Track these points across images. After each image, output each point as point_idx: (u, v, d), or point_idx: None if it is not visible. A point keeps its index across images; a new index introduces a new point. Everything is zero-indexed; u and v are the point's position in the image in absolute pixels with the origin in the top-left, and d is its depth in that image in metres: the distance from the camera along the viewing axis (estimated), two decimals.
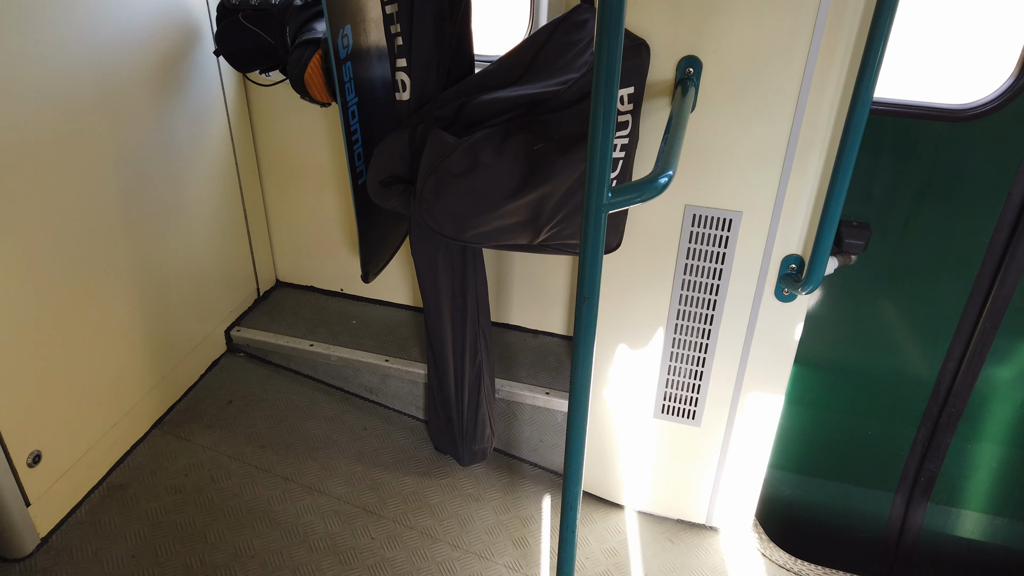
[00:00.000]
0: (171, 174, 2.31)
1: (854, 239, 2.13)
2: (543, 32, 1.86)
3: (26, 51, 1.75)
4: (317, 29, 2.01)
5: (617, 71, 1.14)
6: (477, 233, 1.77)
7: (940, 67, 2.12)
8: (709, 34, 1.65)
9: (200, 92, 2.34)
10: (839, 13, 1.56)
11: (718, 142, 1.76)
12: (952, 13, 2.06)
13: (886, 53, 1.50)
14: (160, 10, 2.09)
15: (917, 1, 1.94)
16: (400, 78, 1.87)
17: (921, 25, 2.09)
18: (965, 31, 2.10)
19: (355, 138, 2.04)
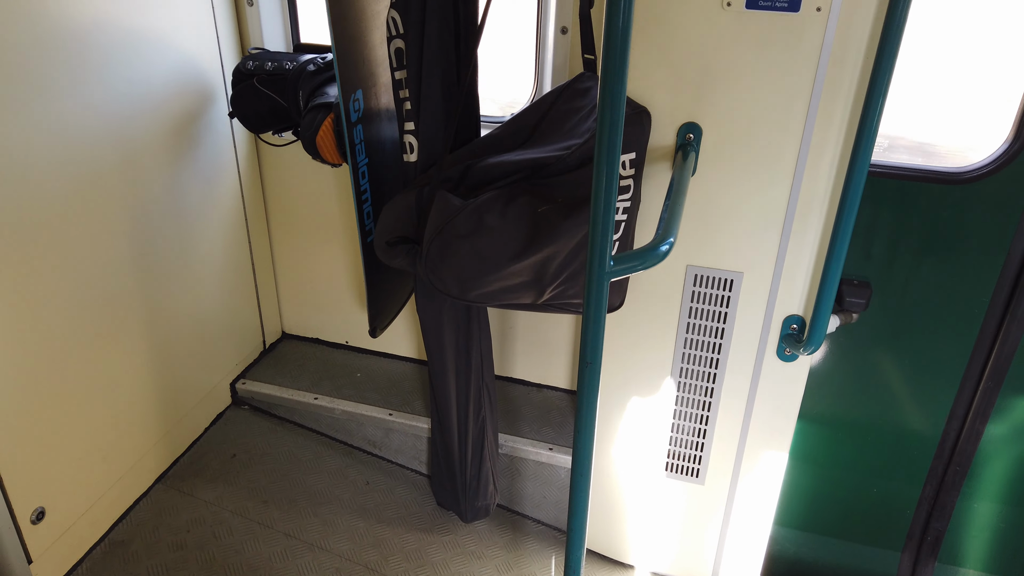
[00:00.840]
0: (182, 230, 2.36)
1: (855, 297, 2.15)
2: (548, 98, 1.92)
3: (48, 118, 1.81)
4: (329, 93, 2.08)
5: (619, 138, 1.18)
6: (481, 293, 1.80)
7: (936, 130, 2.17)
8: (708, 102, 1.71)
9: (213, 152, 2.40)
10: (835, 81, 1.61)
11: (719, 204, 1.80)
12: (946, 79, 2.12)
13: (882, 118, 1.55)
14: (177, 75, 2.17)
15: (912, 69, 2.02)
16: (408, 140, 1.92)
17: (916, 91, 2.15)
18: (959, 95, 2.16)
19: (364, 197, 2.09)
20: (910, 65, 2.13)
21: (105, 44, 1.91)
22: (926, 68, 2.18)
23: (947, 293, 2.23)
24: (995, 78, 2.14)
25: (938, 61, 2.18)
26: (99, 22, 1.88)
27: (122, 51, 1.97)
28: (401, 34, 1.81)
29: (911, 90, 2.19)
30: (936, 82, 2.18)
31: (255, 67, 2.13)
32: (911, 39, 1.59)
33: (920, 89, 2.18)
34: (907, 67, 2.12)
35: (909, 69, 2.15)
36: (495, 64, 2.50)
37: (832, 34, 1.56)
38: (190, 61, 2.21)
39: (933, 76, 2.19)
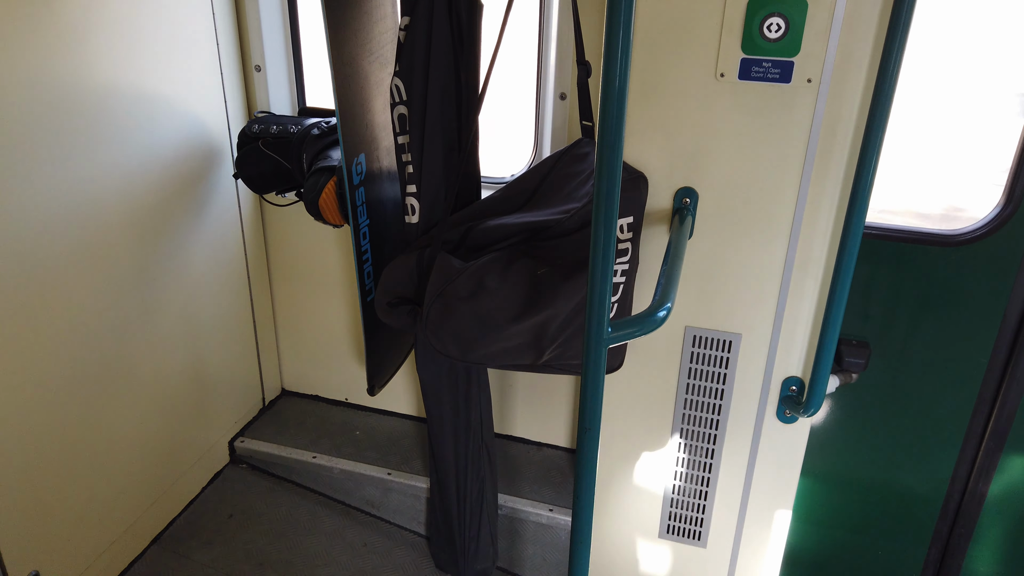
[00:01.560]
0: (186, 288, 2.38)
1: (854, 358, 2.16)
2: (547, 163, 1.96)
3: (60, 180, 1.85)
4: (332, 157, 2.12)
5: (615, 203, 1.21)
6: (481, 355, 1.81)
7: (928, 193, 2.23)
8: (704, 167, 1.74)
9: (218, 211, 2.44)
10: (827, 149, 1.64)
11: (716, 266, 1.82)
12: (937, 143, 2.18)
13: (875, 182, 1.58)
14: (185, 138, 2.22)
15: (903, 135, 2.08)
16: (410, 202, 1.96)
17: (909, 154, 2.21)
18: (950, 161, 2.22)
19: (365, 257, 2.11)
20: (901, 131, 2.18)
21: (118, 109, 1.96)
22: (917, 133, 2.23)
23: (946, 353, 2.24)
24: (985, 144, 2.19)
25: (928, 127, 2.23)
26: (113, 88, 1.93)
27: (134, 115, 2.02)
28: (404, 101, 1.86)
29: (903, 155, 2.23)
30: (927, 148, 2.23)
31: (261, 130, 2.19)
32: (900, 107, 1.63)
33: (912, 155, 2.24)
34: (898, 133, 2.18)
35: (900, 135, 2.20)
36: (496, 127, 2.56)
37: (823, 104, 1.61)
38: (198, 124, 2.26)
39: (924, 141, 2.25)
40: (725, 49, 1.62)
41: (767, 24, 1.56)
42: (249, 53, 2.39)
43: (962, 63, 2.14)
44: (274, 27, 2.40)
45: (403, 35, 1.81)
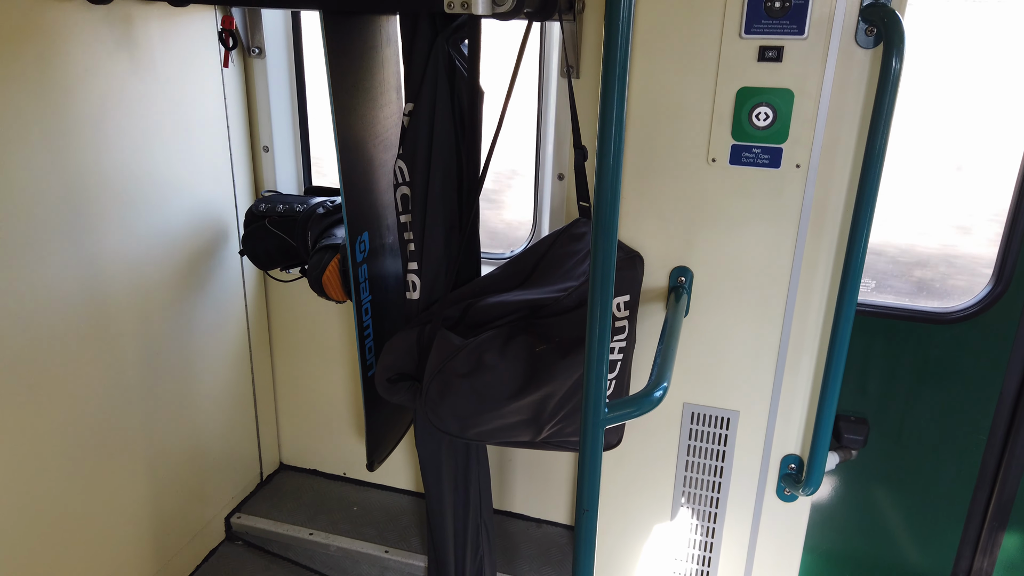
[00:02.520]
0: (188, 363, 2.40)
1: (853, 434, 2.16)
2: (545, 241, 2.01)
3: (69, 261, 1.89)
4: (337, 235, 2.17)
5: (611, 282, 1.25)
6: (480, 431, 1.81)
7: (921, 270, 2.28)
8: (698, 247, 1.79)
9: (223, 287, 2.48)
10: (818, 230, 1.69)
11: (712, 344, 1.85)
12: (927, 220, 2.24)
13: (865, 261, 1.62)
14: (193, 216, 2.28)
15: (891, 216, 2.16)
16: (412, 279, 2.00)
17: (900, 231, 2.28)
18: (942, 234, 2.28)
19: (367, 333, 2.14)
20: (890, 210, 2.24)
21: (130, 190, 2.02)
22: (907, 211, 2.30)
23: (945, 430, 2.24)
24: (972, 222, 2.25)
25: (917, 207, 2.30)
26: (126, 171, 2.00)
27: (145, 196, 2.08)
28: (407, 182, 1.92)
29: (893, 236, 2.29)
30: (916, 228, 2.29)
31: (267, 209, 2.24)
32: (888, 189, 1.69)
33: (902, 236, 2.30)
34: (888, 212, 2.24)
35: (889, 214, 2.26)
36: (495, 205, 2.63)
37: (812, 188, 1.66)
38: (207, 204, 2.33)
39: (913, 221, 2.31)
40: (716, 136, 1.69)
41: (756, 113, 1.63)
42: (258, 134, 2.47)
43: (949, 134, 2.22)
44: (282, 110, 2.49)
45: (407, 120, 1.89)
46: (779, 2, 1.55)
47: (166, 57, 2.04)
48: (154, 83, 2.02)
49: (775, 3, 1.55)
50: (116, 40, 1.87)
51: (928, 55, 2.07)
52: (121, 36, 1.88)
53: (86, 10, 1.78)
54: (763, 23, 1.58)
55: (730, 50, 1.62)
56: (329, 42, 1.78)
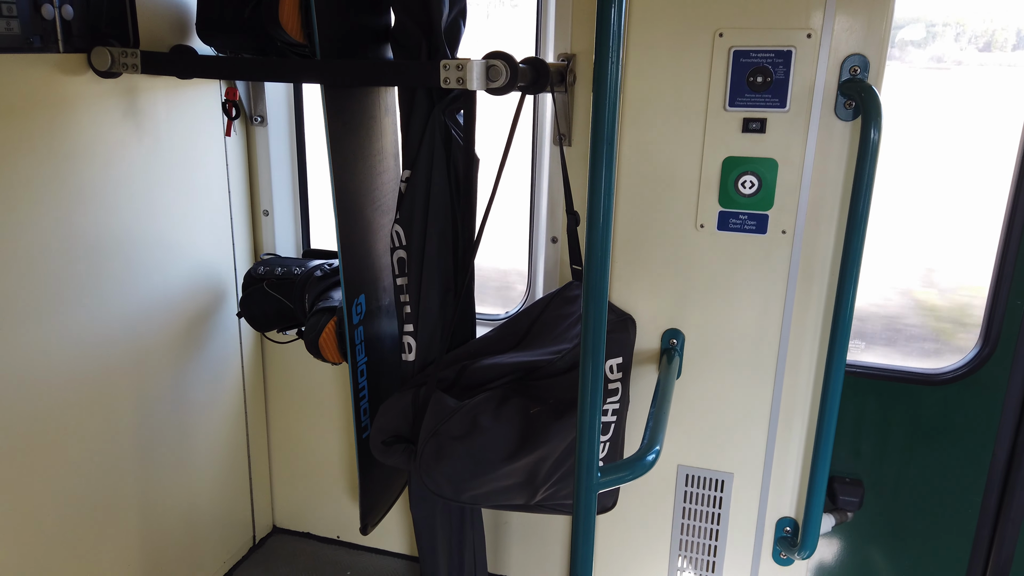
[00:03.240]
0: (183, 425, 2.40)
1: (848, 496, 2.16)
2: (539, 304, 2.05)
3: (68, 323, 1.91)
4: (334, 297, 2.21)
5: (602, 349, 1.27)
6: (474, 495, 1.81)
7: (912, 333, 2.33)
8: (688, 310, 1.82)
9: (220, 348, 2.50)
10: (805, 293, 1.73)
11: (704, 406, 1.87)
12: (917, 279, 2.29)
13: (852, 323, 1.66)
14: (193, 279, 2.31)
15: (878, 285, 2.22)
16: (407, 341, 2.02)
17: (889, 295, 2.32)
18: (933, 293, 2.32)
19: (362, 394, 2.15)
20: (876, 272, 2.28)
21: (131, 254, 2.06)
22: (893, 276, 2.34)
23: (940, 491, 2.24)
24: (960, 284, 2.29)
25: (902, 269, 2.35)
26: (128, 235, 2.04)
27: (146, 260, 2.11)
28: (404, 246, 1.96)
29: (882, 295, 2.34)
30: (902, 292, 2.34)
31: (266, 272, 2.28)
32: (872, 253, 1.73)
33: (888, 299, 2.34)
34: (873, 274, 2.28)
35: (875, 276, 2.30)
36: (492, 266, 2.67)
37: (798, 253, 1.71)
38: (206, 266, 2.36)
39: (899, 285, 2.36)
40: (704, 202, 1.74)
41: (741, 181, 1.69)
42: (258, 199, 2.53)
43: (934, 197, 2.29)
44: (283, 175, 2.55)
45: (404, 186, 1.94)
46: (761, 77, 1.62)
47: (171, 126, 2.11)
48: (159, 151, 2.08)
49: (757, 78, 1.62)
50: (123, 111, 1.93)
51: (907, 122, 2.15)
52: (128, 107, 1.95)
53: (96, 83, 1.84)
54: (746, 96, 1.65)
55: (715, 122, 1.68)
56: (330, 112, 1.85)
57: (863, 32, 1.56)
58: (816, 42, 1.58)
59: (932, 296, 2.31)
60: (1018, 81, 2.14)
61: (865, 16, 1.55)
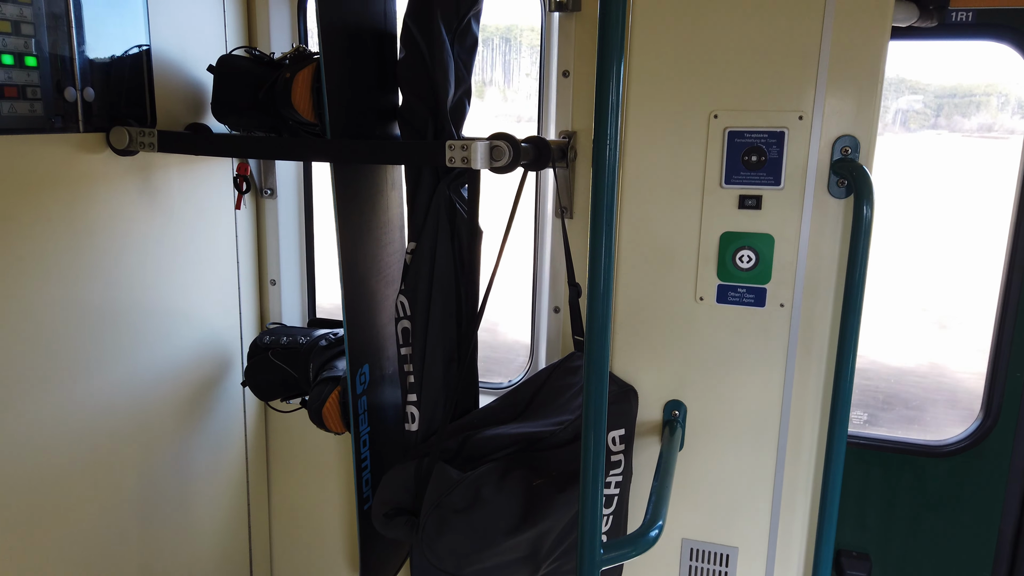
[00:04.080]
0: (185, 493, 2.39)
1: (855, 570, 2.13)
2: (541, 374, 2.07)
3: (74, 395, 1.92)
4: (338, 367, 2.23)
5: (603, 421, 1.29)
6: (477, 569, 1.80)
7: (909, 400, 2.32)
8: (690, 381, 1.84)
9: (224, 417, 2.51)
10: (805, 365, 1.75)
11: (707, 478, 1.86)
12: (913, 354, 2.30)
13: (852, 398, 1.67)
14: (199, 348, 2.34)
15: (879, 349, 2.23)
16: (410, 410, 2.03)
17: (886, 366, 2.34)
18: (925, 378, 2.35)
19: (364, 465, 2.15)
20: (877, 344, 2.30)
21: (139, 324, 2.09)
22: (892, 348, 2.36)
23: (947, 565, 2.20)
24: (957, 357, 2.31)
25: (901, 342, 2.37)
26: (137, 305, 2.07)
27: (152, 329, 2.14)
28: (408, 316, 2.00)
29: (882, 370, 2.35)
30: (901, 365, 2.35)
31: (271, 341, 2.31)
32: (870, 327, 1.75)
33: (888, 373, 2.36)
34: (874, 346, 2.30)
35: (876, 348, 2.32)
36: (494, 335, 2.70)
37: (797, 326, 1.74)
38: (213, 336, 2.39)
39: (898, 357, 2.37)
40: (703, 276, 1.78)
41: (739, 256, 1.73)
42: (266, 268, 2.57)
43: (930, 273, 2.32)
44: (290, 245, 2.61)
45: (409, 258, 1.99)
46: (755, 156, 1.68)
47: (184, 200, 2.17)
48: (171, 224, 2.13)
49: (752, 157, 1.68)
50: (138, 187, 2.00)
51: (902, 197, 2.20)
52: (143, 183, 2.01)
53: (113, 161, 1.91)
54: (742, 174, 1.70)
55: (712, 198, 1.73)
56: (338, 186, 1.90)
57: (853, 114, 1.63)
58: (808, 123, 1.64)
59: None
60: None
61: (854, 99, 1.62)
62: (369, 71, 1.99)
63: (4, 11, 1.60)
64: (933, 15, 1.88)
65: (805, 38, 1.62)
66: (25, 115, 1.68)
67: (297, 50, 1.97)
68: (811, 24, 1.61)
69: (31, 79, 1.68)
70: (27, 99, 1.68)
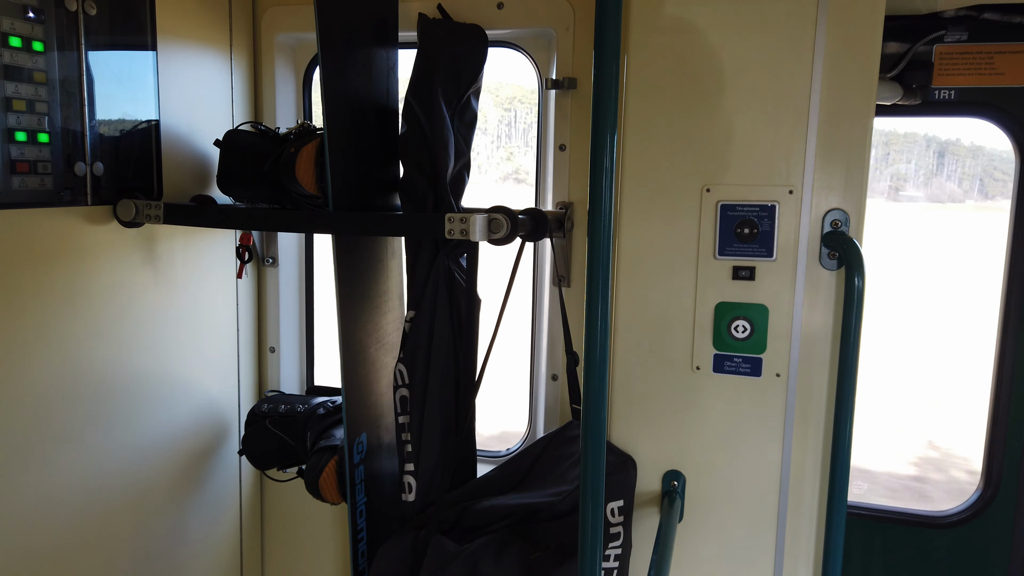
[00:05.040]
0: (178, 564, 2.34)
1: None
2: (539, 444, 2.06)
3: (69, 466, 1.91)
4: (336, 436, 2.22)
5: (601, 492, 1.28)
6: None
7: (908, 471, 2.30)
8: (688, 451, 1.83)
9: (219, 485, 2.48)
10: (802, 435, 1.75)
11: (708, 550, 1.84)
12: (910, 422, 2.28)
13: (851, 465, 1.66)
14: (196, 416, 2.33)
15: (876, 416, 2.20)
16: (408, 480, 2.02)
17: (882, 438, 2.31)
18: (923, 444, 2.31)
19: (360, 536, 2.12)
20: (874, 413, 2.30)
21: (136, 392, 2.09)
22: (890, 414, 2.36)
23: None
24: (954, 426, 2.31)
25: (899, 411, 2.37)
26: (136, 374, 2.08)
27: (150, 398, 2.14)
28: (407, 384, 2.00)
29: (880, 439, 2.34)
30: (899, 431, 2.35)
31: (269, 409, 2.30)
32: (867, 395, 1.76)
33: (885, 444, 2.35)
34: (871, 415, 2.30)
35: (874, 416, 2.32)
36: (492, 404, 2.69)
37: (794, 395, 1.74)
38: (210, 404, 2.39)
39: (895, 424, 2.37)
40: (699, 345, 1.79)
41: (734, 326, 1.75)
42: (266, 336, 2.59)
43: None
44: (290, 312, 2.63)
45: (408, 326, 2.01)
46: (748, 229, 1.72)
47: (186, 270, 2.20)
48: (173, 294, 2.16)
49: (744, 229, 1.72)
50: (142, 258, 2.03)
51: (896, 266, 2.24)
52: (147, 254, 2.04)
53: (118, 232, 1.95)
54: (735, 246, 1.73)
55: (706, 269, 1.76)
56: (339, 256, 1.94)
57: (842, 189, 1.67)
58: (798, 197, 1.69)
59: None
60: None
61: (842, 174, 1.67)
62: (371, 145, 2.05)
63: (20, 91, 1.66)
64: (916, 93, 1.95)
65: (793, 116, 1.68)
66: (35, 189, 1.72)
67: (302, 126, 2.03)
68: (799, 103, 1.67)
69: (43, 154, 1.73)
70: (38, 174, 1.72)
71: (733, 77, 1.71)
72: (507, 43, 2.30)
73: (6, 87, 1.63)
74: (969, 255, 3.48)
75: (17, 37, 1.65)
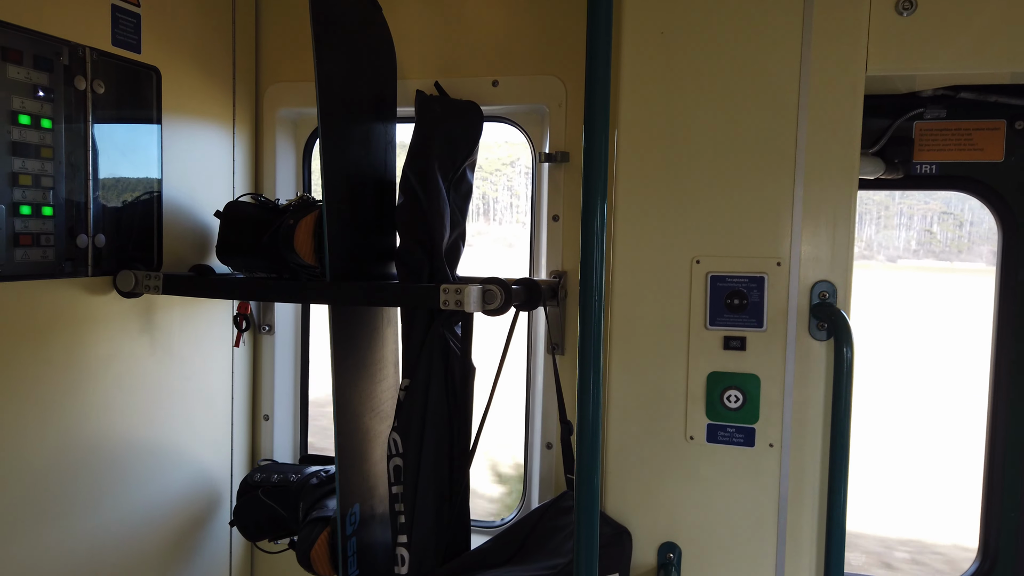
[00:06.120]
0: None
1: None
2: (534, 515, 2.04)
3: (60, 540, 1.87)
4: (328, 507, 2.19)
5: (595, 568, 1.27)
6: None
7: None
8: (684, 522, 1.82)
9: (209, 558, 2.44)
10: (798, 503, 1.74)
11: None
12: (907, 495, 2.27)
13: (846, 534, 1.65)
14: (188, 487, 2.31)
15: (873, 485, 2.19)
16: (400, 552, 1.99)
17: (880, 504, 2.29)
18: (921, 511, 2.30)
19: None
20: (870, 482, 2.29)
21: (128, 463, 2.08)
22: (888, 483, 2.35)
23: None
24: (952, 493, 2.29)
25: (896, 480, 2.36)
26: (130, 444, 2.06)
27: (143, 469, 2.13)
28: (401, 453, 2.00)
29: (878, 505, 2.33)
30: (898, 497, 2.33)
31: (262, 479, 2.28)
32: (862, 464, 1.76)
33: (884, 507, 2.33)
34: (867, 483, 2.29)
35: (871, 485, 2.31)
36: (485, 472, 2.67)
37: (787, 465, 1.74)
38: (203, 473, 2.37)
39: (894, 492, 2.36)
40: (692, 416, 1.80)
41: (726, 396, 1.76)
42: (260, 403, 2.58)
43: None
44: (285, 380, 2.63)
45: (403, 394, 2.01)
46: (738, 299, 1.75)
47: (184, 340, 2.21)
48: (169, 363, 2.17)
49: (734, 300, 1.75)
50: (140, 327, 2.05)
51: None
52: (145, 323, 2.06)
53: (117, 302, 1.97)
54: (725, 316, 1.76)
55: (698, 339, 1.79)
56: (335, 325, 1.95)
57: (828, 261, 1.71)
58: (786, 269, 1.72)
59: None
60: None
61: (828, 247, 1.71)
62: (369, 216, 2.09)
63: (27, 166, 1.70)
64: (899, 168, 2.01)
65: (779, 191, 1.73)
66: (37, 261, 1.75)
67: (301, 198, 2.08)
68: (784, 178, 1.73)
69: (46, 227, 1.76)
70: (40, 246, 1.75)
71: (720, 153, 1.77)
72: (502, 118, 2.37)
73: (13, 163, 1.68)
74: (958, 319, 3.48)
75: (26, 115, 1.70)
